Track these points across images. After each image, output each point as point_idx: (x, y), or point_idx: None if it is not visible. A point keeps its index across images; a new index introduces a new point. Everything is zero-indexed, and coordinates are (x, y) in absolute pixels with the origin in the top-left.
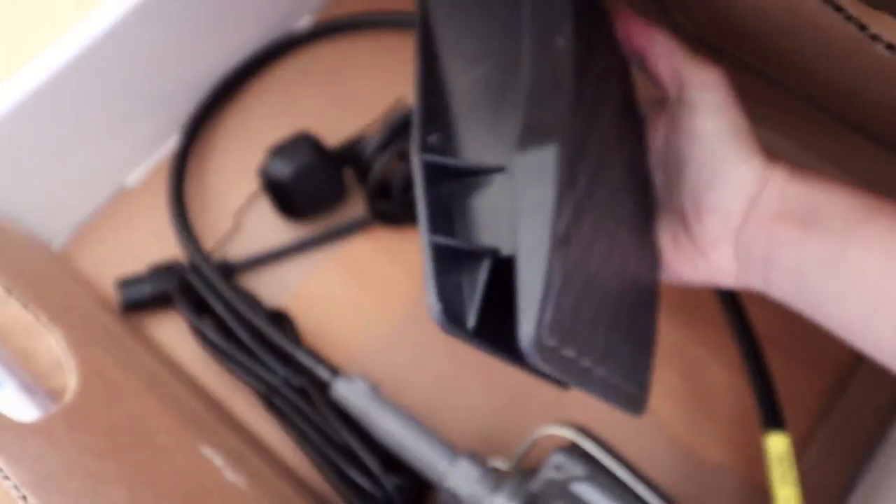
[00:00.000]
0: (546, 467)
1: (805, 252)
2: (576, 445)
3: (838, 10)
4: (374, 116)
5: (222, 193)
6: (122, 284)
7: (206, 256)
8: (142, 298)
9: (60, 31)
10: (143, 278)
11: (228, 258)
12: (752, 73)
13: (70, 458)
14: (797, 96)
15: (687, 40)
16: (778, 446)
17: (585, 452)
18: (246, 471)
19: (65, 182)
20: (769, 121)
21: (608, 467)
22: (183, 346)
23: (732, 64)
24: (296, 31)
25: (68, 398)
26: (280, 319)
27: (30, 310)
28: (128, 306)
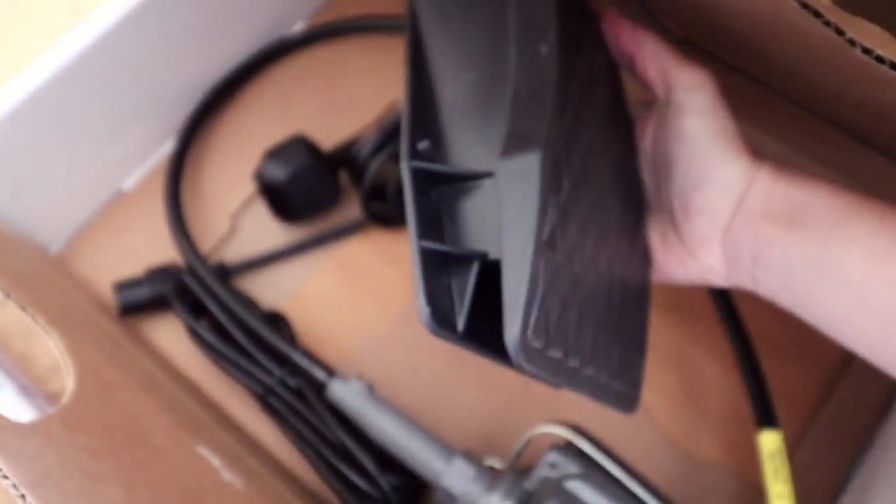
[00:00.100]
0: (541, 466)
1: (791, 250)
2: (570, 444)
3: (817, 15)
4: (368, 119)
5: (218, 196)
6: (119, 287)
7: (202, 259)
8: (139, 301)
9: (57, 36)
10: (140, 281)
11: (225, 261)
12: (739, 74)
13: (68, 458)
14: (783, 98)
15: (674, 43)
16: (770, 443)
17: (580, 451)
18: (243, 471)
19: (62, 186)
20: (757, 121)
21: (602, 465)
22: (180, 348)
23: (720, 66)
24: (290, 35)
25: (66, 399)
26: (276, 321)
27: (28, 312)
28: (125, 309)
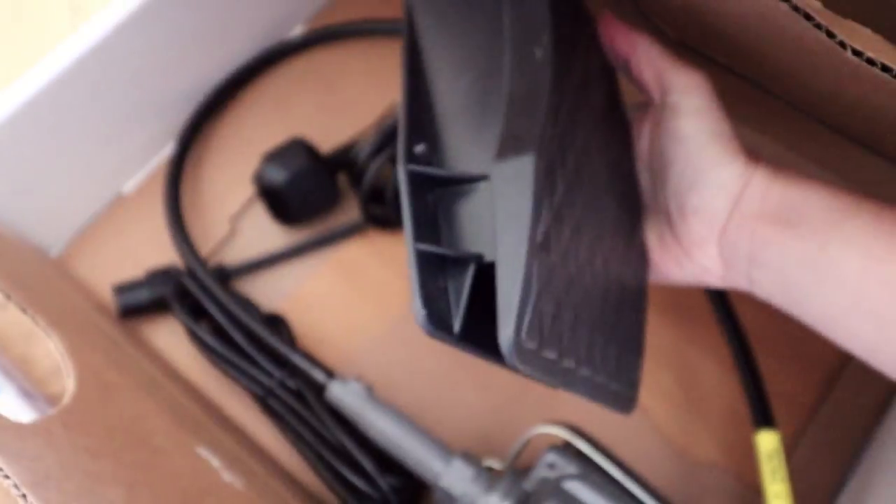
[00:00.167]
0: (539, 466)
1: (787, 251)
2: (569, 444)
3: (808, 17)
4: (367, 122)
5: (218, 199)
6: (119, 290)
7: (202, 261)
8: (139, 303)
9: (56, 41)
10: (140, 284)
11: (224, 263)
12: (734, 76)
13: (68, 459)
14: (778, 99)
15: (669, 45)
16: (768, 443)
17: (578, 451)
18: (242, 472)
19: (62, 189)
20: (752, 122)
21: (601, 466)
22: (180, 350)
23: (715, 68)
24: (289, 39)
25: (66, 400)
26: (276, 323)
27: (28, 314)
28: (125, 311)
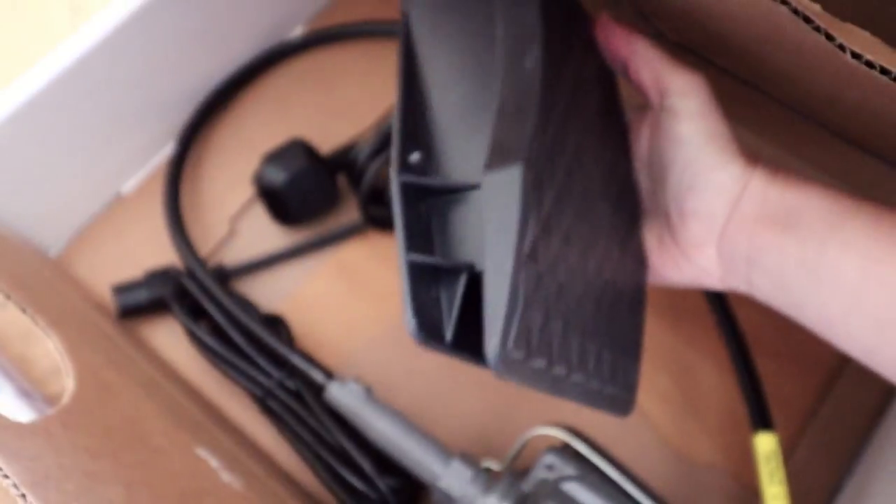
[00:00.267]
0: (537, 467)
1: (786, 254)
2: (567, 446)
3: (807, 20)
4: (366, 123)
5: (217, 200)
6: (118, 290)
7: (201, 262)
8: (138, 304)
9: (56, 41)
10: (139, 284)
11: (224, 263)
12: (733, 78)
13: (67, 459)
14: (778, 102)
15: (668, 47)
16: (766, 446)
17: (576, 453)
18: (241, 472)
19: (62, 189)
20: (751, 124)
21: (599, 467)
22: (179, 350)
23: (714, 70)
24: (289, 39)
25: (65, 400)
26: (275, 323)
27: (27, 314)
28: (124, 311)
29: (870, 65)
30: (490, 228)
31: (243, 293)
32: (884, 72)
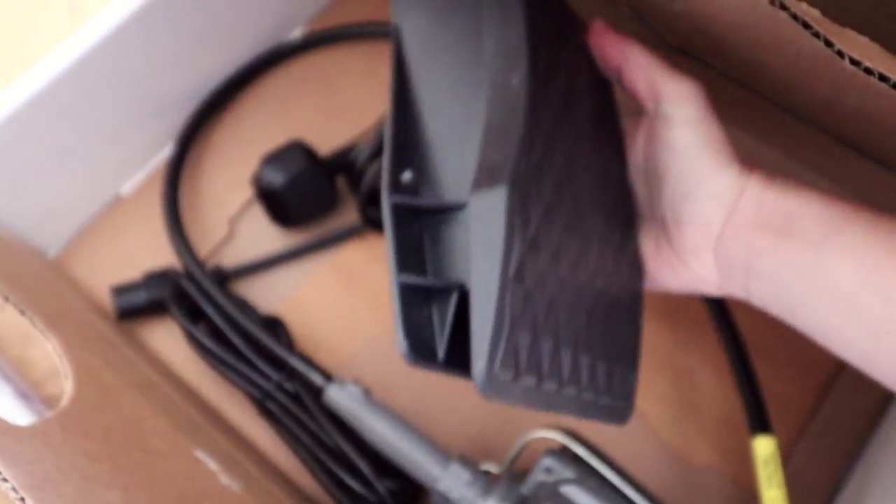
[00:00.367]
0: (536, 470)
1: (782, 261)
2: (566, 448)
3: (806, 26)
4: (366, 125)
5: (216, 201)
6: (117, 291)
7: (200, 263)
8: (137, 305)
9: (55, 41)
10: (137, 285)
11: (222, 265)
12: (732, 82)
13: (66, 461)
14: (776, 106)
15: (667, 51)
16: (764, 449)
17: (575, 455)
18: (239, 475)
19: (60, 190)
20: (750, 128)
21: (598, 470)
22: (177, 352)
23: (713, 74)
24: (288, 41)
25: (64, 402)
26: (274, 325)
27: (26, 316)
28: (123, 313)
29: (868, 71)
30: (475, 250)
31: (242, 295)
32: (882, 78)
